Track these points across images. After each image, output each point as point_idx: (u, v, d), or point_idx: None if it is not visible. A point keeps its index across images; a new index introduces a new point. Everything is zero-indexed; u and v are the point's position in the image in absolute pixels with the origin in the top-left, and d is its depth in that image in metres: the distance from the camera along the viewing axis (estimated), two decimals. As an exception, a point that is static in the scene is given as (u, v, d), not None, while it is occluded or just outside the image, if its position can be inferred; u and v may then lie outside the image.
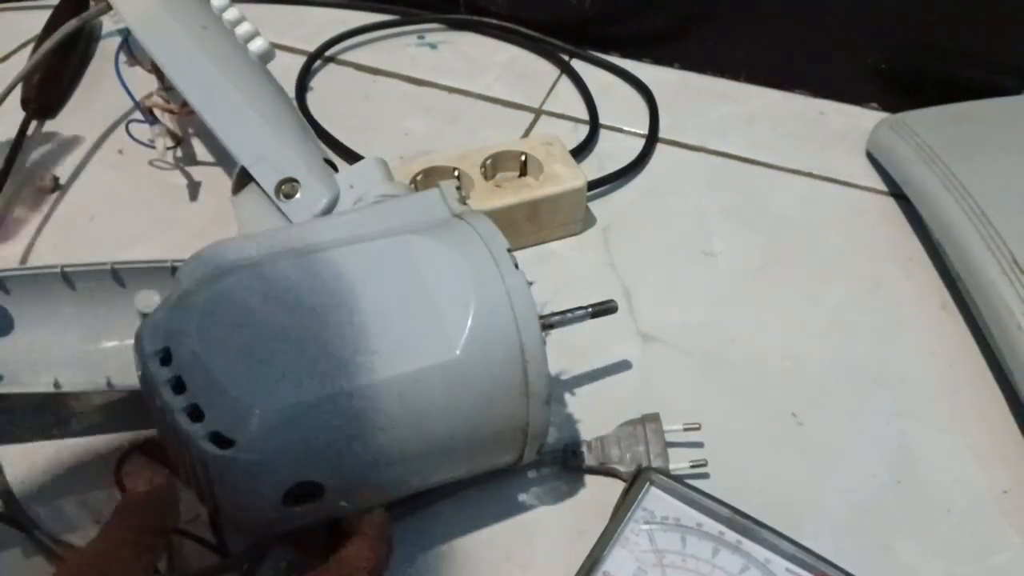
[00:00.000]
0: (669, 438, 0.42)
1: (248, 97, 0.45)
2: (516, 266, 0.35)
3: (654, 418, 0.42)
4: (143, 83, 0.55)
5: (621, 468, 0.41)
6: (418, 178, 0.52)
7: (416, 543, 0.39)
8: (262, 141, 0.43)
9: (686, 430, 0.42)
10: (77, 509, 0.40)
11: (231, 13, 0.50)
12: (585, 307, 0.42)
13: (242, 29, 0.49)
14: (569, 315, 0.41)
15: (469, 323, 0.33)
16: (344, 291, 0.34)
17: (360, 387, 0.32)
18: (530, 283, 0.35)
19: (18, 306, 0.42)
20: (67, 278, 0.42)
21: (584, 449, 0.42)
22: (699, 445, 0.43)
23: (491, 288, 0.34)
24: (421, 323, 0.33)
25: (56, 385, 0.41)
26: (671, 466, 0.41)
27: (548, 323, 0.40)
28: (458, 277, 0.34)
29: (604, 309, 0.42)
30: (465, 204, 0.39)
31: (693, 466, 0.41)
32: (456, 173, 0.53)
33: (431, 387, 0.33)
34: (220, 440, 0.31)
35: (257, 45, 0.49)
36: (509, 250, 0.35)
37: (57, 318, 0.42)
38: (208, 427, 0.31)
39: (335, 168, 0.43)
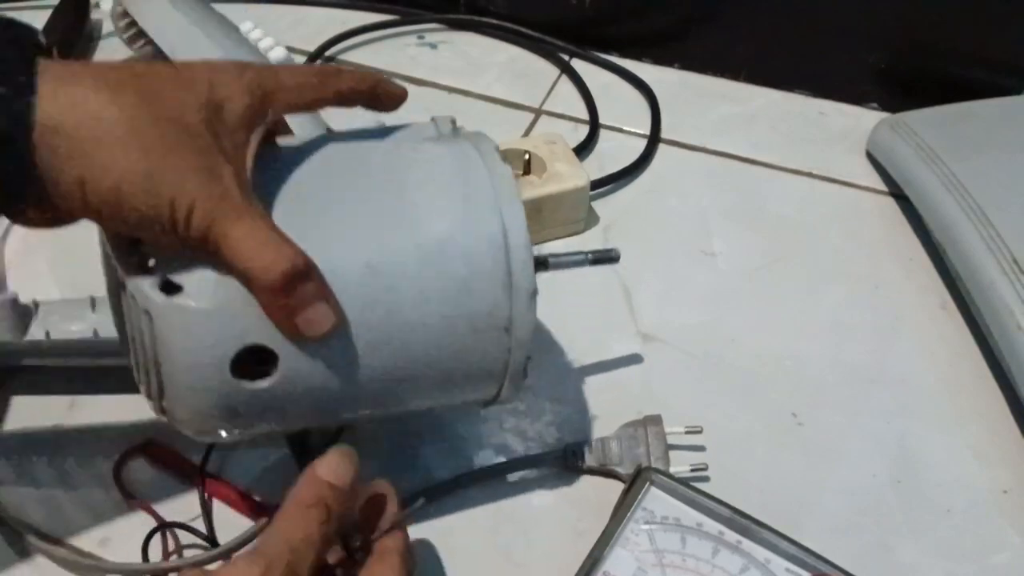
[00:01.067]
0: (671, 440, 0.42)
1: None
2: (504, 160, 0.34)
3: (656, 420, 0.42)
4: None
5: (621, 470, 0.41)
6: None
7: (416, 543, 0.39)
8: None
9: (688, 433, 0.42)
10: (77, 509, 0.40)
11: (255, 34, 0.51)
12: (585, 252, 0.40)
13: (263, 44, 0.50)
14: (566, 258, 0.40)
15: (448, 203, 0.32)
16: (326, 166, 0.33)
17: (325, 249, 0.30)
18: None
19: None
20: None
21: (585, 450, 0.42)
22: (701, 448, 0.43)
23: (474, 174, 0.33)
24: (400, 200, 0.33)
25: (47, 335, 0.41)
26: (672, 469, 0.41)
27: (543, 261, 0.38)
28: (442, 163, 0.34)
29: (605, 257, 0.40)
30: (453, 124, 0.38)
31: (694, 470, 0.41)
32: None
33: (404, 261, 0.31)
34: (169, 287, 0.29)
35: (278, 54, 0.50)
36: (497, 148, 0.35)
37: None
38: (157, 276, 0.29)
39: None
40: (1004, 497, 0.42)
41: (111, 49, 0.69)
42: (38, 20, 0.66)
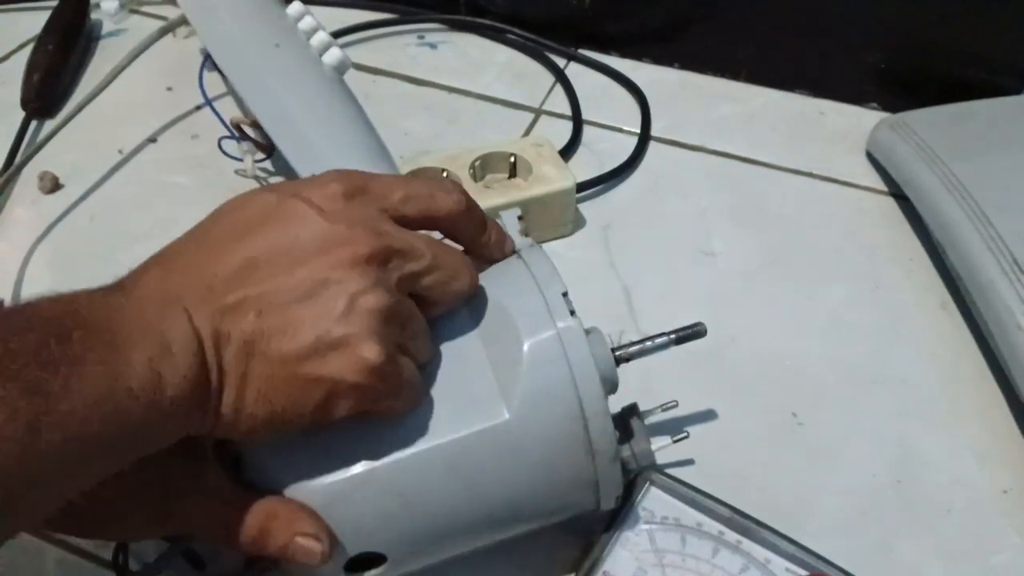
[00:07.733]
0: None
1: (318, 126, 0.44)
2: (572, 312, 0.33)
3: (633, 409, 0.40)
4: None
5: None
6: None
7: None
8: None
9: (664, 410, 0.41)
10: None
11: (306, 22, 0.49)
12: (667, 333, 0.38)
13: (317, 40, 0.48)
14: (650, 344, 0.38)
15: (520, 382, 0.32)
16: None
17: (405, 458, 0.32)
18: (588, 330, 0.34)
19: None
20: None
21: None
22: (683, 432, 0.41)
23: (543, 342, 0.32)
24: (468, 385, 0.33)
25: None
26: (653, 446, 0.39)
27: (626, 356, 0.38)
28: (508, 331, 0.33)
29: (691, 334, 0.38)
30: (526, 235, 0.37)
31: (676, 440, 0.40)
32: (444, 174, 0.53)
33: (482, 453, 0.32)
34: None
35: (332, 56, 0.48)
36: (564, 294, 0.33)
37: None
38: None
39: None
40: (1004, 497, 0.42)
41: (111, 49, 0.70)
42: (38, 20, 0.66)
